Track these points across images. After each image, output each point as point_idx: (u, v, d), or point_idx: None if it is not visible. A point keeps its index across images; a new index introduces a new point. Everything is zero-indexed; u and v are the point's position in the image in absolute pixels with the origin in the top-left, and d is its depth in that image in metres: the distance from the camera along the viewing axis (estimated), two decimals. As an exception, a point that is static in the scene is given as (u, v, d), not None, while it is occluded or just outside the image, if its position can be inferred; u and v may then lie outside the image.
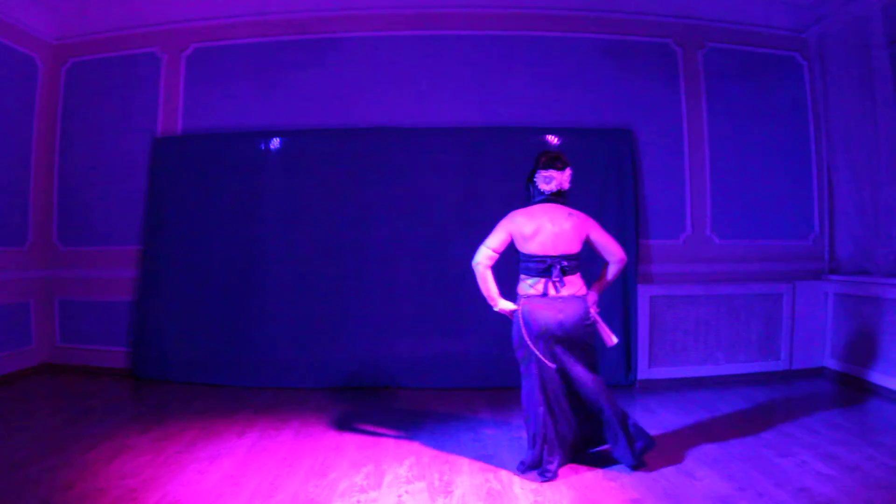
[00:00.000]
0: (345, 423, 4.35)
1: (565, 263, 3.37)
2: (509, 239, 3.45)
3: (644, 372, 5.48)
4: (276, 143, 5.65)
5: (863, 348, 5.24)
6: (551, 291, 3.36)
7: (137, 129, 5.82)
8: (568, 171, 3.52)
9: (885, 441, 3.81)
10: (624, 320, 5.46)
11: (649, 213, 5.72)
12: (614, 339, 3.53)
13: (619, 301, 5.46)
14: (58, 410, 4.68)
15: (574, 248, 3.41)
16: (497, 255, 3.45)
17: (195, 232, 5.63)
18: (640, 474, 3.37)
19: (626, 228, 5.50)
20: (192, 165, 5.69)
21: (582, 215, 3.47)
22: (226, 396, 5.08)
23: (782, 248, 5.86)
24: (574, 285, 3.40)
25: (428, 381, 5.36)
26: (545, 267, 3.36)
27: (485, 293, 3.47)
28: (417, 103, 5.69)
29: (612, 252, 3.47)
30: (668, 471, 3.41)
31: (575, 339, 3.39)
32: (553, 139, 5.58)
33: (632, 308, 5.47)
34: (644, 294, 5.49)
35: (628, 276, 5.47)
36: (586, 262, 3.56)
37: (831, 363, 5.61)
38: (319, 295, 5.50)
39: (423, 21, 5.76)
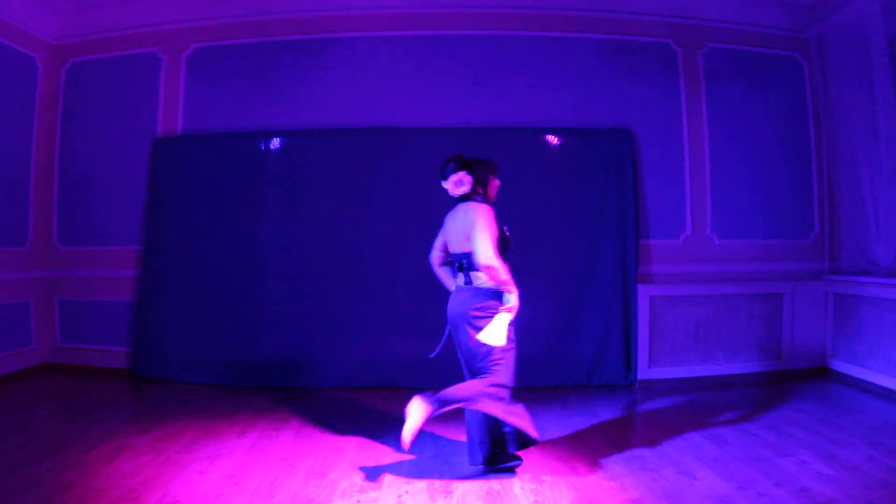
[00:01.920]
0: (344, 423, 4.35)
1: (465, 261, 3.39)
2: (443, 238, 3.61)
3: (644, 372, 5.48)
4: (276, 143, 5.65)
5: (863, 348, 5.24)
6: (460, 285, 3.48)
7: (137, 129, 5.82)
8: (454, 178, 3.40)
9: (885, 441, 3.81)
10: (624, 320, 5.46)
11: (649, 213, 5.72)
12: (484, 339, 3.27)
13: (619, 301, 5.46)
14: (58, 410, 4.68)
15: (470, 246, 3.31)
16: (440, 253, 3.66)
17: (195, 232, 5.63)
18: (640, 474, 3.37)
19: (626, 228, 5.50)
20: (192, 165, 5.69)
21: (473, 211, 3.32)
22: (226, 396, 5.08)
23: (782, 248, 5.86)
24: (480, 279, 3.36)
25: (428, 381, 5.34)
26: (453, 264, 3.51)
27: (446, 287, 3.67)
28: (417, 103, 5.69)
29: (477, 254, 3.22)
30: (668, 471, 3.41)
31: (461, 328, 3.38)
32: (553, 139, 5.59)
33: (632, 308, 5.47)
34: (644, 294, 5.50)
35: (628, 275, 5.48)
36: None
37: (831, 363, 5.61)
38: (319, 295, 5.49)
39: (423, 21, 5.76)
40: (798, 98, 5.90)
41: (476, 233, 3.24)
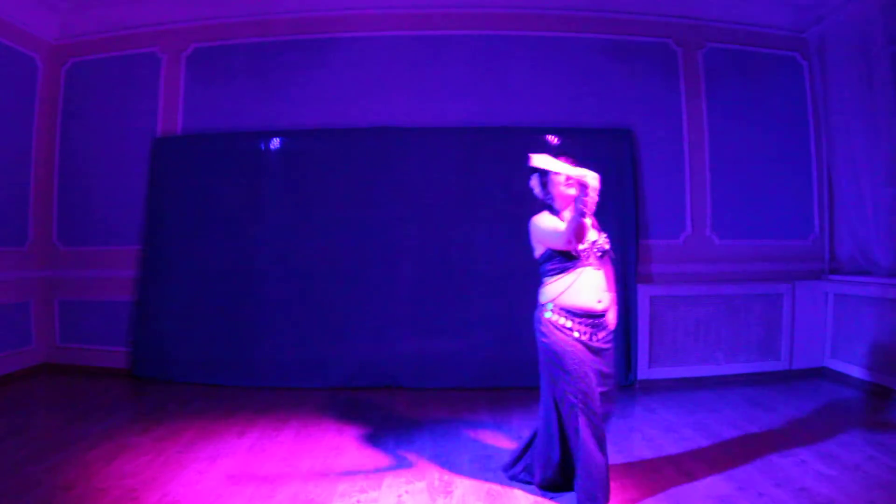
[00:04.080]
0: (345, 423, 4.35)
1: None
2: None
3: (644, 372, 5.48)
4: (276, 143, 5.65)
5: (863, 348, 5.24)
6: None
7: (137, 129, 5.82)
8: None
9: (885, 441, 3.82)
10: (624, 320, 5.46)
11: (649, 213, 5.72)
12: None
13: (619, 301, 5.45)
14: (58, 410, 4.68)
15: (535, 251, 3.29)
16: None
17: (195, 232, 5.62)
18: (640, 474, 3.37)
19: (626, 228, 5.51)
20: (192, 165, 5.69)
21: None
22: (226, 396, 5.08)
23: (782, 248, 5.86)
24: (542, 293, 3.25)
25: (428, 381, 5.35)
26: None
27: None
28: (417, 103, 5.69)
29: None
30: (668, 471, 3.41)
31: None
32: (553, 139, 5.58)
33: (632, 308, 5.47)
34: (644, 294, 5.50)
35: (628, 276, 5.48)
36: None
37: (831, 363, 5.61)
38: (319, 295, 5.49)
39: (423, 21, 5.76)
40: (798, 98, 5.90)
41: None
